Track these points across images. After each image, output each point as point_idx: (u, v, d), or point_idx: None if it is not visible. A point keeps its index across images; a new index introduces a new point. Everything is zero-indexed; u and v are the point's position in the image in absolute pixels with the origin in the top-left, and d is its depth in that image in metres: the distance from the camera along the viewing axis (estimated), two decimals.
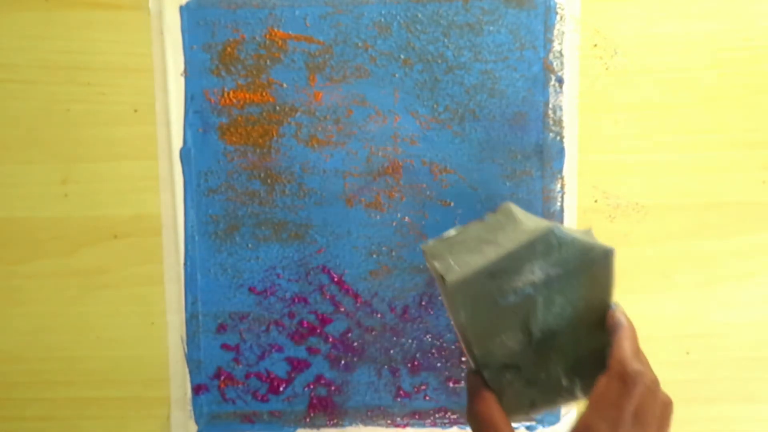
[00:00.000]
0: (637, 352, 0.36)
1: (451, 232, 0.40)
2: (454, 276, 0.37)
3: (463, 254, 0.38)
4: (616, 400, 0.35)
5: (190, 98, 0.46)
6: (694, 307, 0.49)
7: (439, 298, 0.48)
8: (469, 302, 0.37)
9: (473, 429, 0.39)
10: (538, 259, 0.37)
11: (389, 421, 0.49)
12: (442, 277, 0.37)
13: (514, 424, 0.42)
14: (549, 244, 0.37)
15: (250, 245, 0.47)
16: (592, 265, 0.37)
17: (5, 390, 0.48)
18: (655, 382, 0.36)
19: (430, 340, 0.48)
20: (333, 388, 0.49)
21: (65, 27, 0.45)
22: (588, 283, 0.37)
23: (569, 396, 0.39)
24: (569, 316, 0.38)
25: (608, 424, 0.35)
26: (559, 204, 0.47)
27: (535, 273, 0.37)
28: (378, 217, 0.47)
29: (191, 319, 0.48)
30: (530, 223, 0.39)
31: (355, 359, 0.48)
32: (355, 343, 0.48)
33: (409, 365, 0.49)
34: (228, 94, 0.46)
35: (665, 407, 0.37)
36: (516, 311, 0.37)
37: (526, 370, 0.38)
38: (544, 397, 0.39)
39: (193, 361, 0.48)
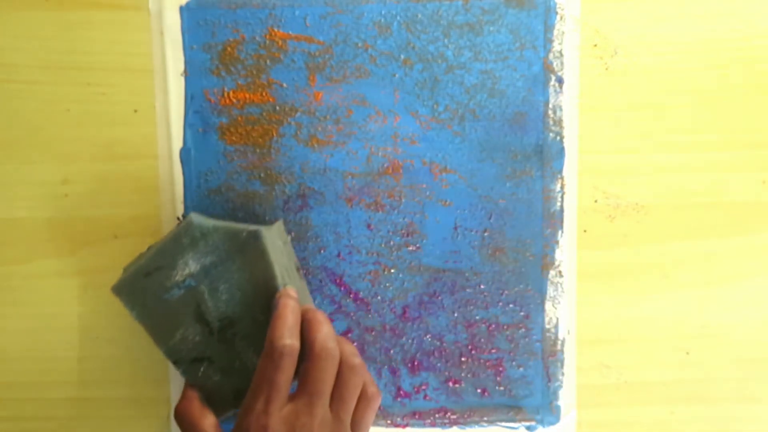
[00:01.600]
0: (293, 327, 0.37)
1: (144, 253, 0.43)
2: (116, 282, 0.40)
3: (132, 265, 0.41)
4: (267, 377, 0.37)
5: (190, 98, 0.46)
6: (694, 307, 0.49)
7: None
8: (137, 302, 0.40)
9: (181, 430, 0.40)
10: (187, 251, 0.39)
11: (389, 421, 0.49)
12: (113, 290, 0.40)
13: None
14: (193, 236, 0.39)
15: None
16: (242, 249, 0.39)
17: (5, 390, 0.48)
18: (327, 356, 0.37)
19: (430, 340, 0.48)
20: None
21: (65, 27, 0.45)
22: (246, 267, 0.39)
23: None
24: (241, 301, 0.40)
25: (262, 402, 0.36)
26: (559, 204, 0.47)
27: (189, 265, 0.39)
28: (378, 217, 0.47)
29: None
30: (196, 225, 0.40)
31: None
32: (355, 343, 0.48)
33: (409, 365, 0.49)
34: (228, 94, 0.46)
35: (350, 372, 0.38)
36: (184, 303, 0.39)
37: (219, 359, 0.40)
38: (246, 386, 0.39)
39: None
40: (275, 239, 0.42)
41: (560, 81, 0.46)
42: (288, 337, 0.37)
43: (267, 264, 0.39)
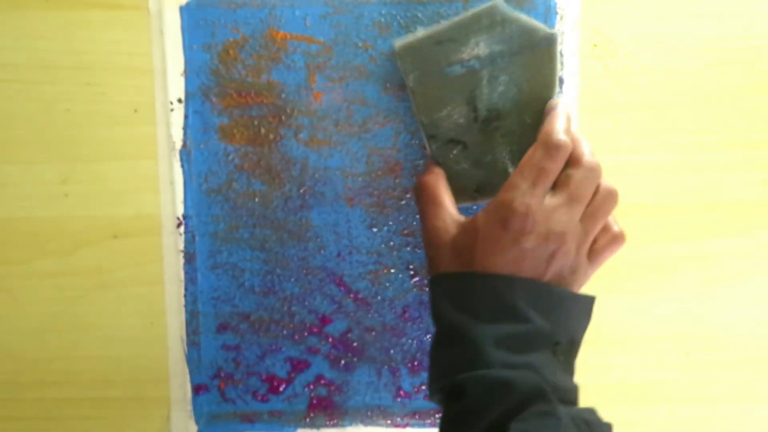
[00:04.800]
0: (568, 130, 0.38)
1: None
2: (402, 40, 0.40)
3: (420, 32, 0.41)
4: (538, 163, 0.37)
5: (190, 98, 0.46)
6: (694, 307, 0.49)
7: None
8: (417, 66, 0.40)
9: (418, 202, 0.41)
10: (482, 32, 0.39)
11: (389, 421, 0.49)
12: (394, 50, 0.40)
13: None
14: (493, 19, 0.39)
15: (250, 245, 0.47)
16: (534, 47, 0.39)
17: (5, 390, 0.48)
18: (593, 168, 0.38)
19: (430, 340, 0.48)
20: (333, 388, 0.49)
21: (65, 27, 0.45)
22: (531, 66, 0.40)
23: None
24: (514, 98, 0.40)
25: (528, 183, 0.37)
26: None
27: (479, 46, 0.39)
28: (378, 217, 0.47)
29: (191, 319, 0.48)
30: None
31: (355, 359, 0.48)
32: (355, 343, 0.48)
33: (409, 365, 0.49)
34: (228, 94, 0.46)
35: (607, 194, 0.39)
36: (462, 83, 0.40)
37: (473, 148, 0.41)
38: (490, 182, 0.40)
39: (193, 361, 0.48)
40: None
41: (560, 81, 0.46)
42: (565, 135, 0.37)
43: (551, 70, 0.40)
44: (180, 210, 0.47)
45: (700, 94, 0.47)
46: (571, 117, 0.39)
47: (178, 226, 0.47)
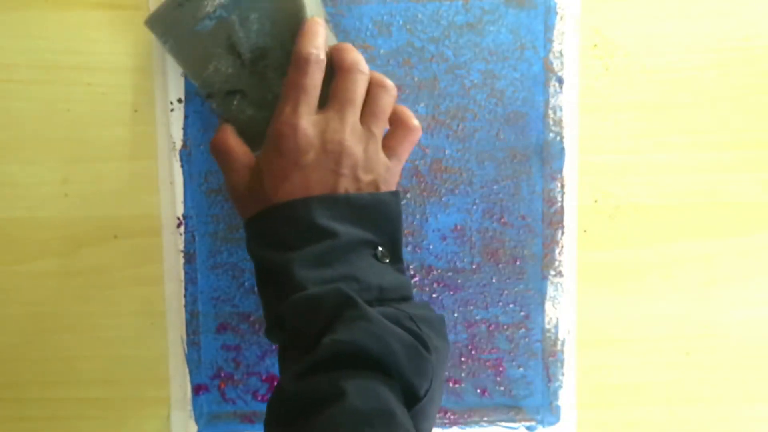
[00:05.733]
0: (317, 43, 0.38)
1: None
2: (148, 15, 0.40)
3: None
4: (294, 82, 0.38)
5: (190, 98, 0.46)
6: (694, 307, 0.49)
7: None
8: (170, 34, 0.40)
9: (218, 163, 0.41)
10: None
11: None
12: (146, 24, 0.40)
13: None
14: None
15: None
16: None
17: (5, 390, 0.48)
18: (353, 69, 0.38)
19: None
20: None
21: (65, 27, 0.45)
22: None
23: None
24: (271, 32, 0.40)
25: (291, 106, 0.38)
26: (559, 204, 0.47)
27: None
28: None
29: (191, 319, 0.48)
30: None
31: None
32: None
33: None
34: None
35: (379, 89, 0.39)
36: (216, 35, 0.40)
37: (252, 92, 0.41)
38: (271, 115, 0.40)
39: (193, 361, 0.48)
40: None
41: (560, 81, 0.46)
42: (314, 48, 0.38)
43: None
44: (180, 210, 0.47)
45: (700, 94, 0.47)
46: (321, 29, 0.39)
47: (178, 226, 0.47)
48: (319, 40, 0.38)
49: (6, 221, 0.47)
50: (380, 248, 0.39)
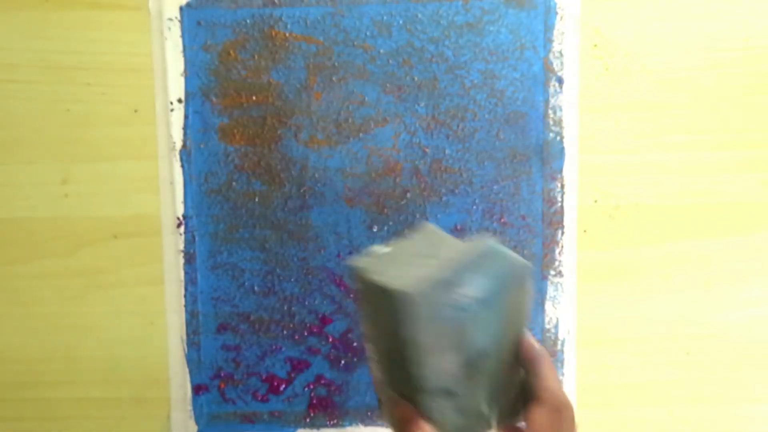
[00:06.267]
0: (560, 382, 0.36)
1: (382, 248, 0.36)
2: (410, 287, 0.32)
3: (404, 268, 0.34)
4: (553, 430, 0.35)
5: (190, 98, 0.46)
6: (694, 307, 0.49)
7: None
8: (422, 315, 0.32)
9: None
10: (479, 272, 0.34)
11: None
12: (385, 291, 0.32)
13: None
14: (490, 258, 0.35)
15: (250, 245, 0.47)
16: (521, 281, 0.35)
17: (5, 390, 0.48)
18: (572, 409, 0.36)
19: None
20: (333, 388, 0.49)
21: (65, 27, 0.45)
22: (514, 301, 0.35)
23: (485, 425, 0.36)
24: (496, 335, 0.35)
25: None
26: (559, 204, 0.47)
27: (475, 286, 0.34)
28: (378, 217, 0.47)
29: (191, 319, 0.48)
30: (456, 240, 0.37)
31: (355, 359, 0.48)
32: (355, 343, 0.48)
33: None
34: (228, 94, 0.46)
35: None
36: (453, 328, 0.33)
37: (462, 396, 0.35)
38: (467, 425, 0.35)
39: (193, 361, 0.48)
40: None
41: (560, 81, 0.46)
42: (564, 393, 0.35)
43: (528, 301, 0.36)
44: (180, 210, 0.47)
45: (700, 94, 0.47)
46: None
47: (178, 226, 0.47)
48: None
49: (6, 221, 0.47)
50: None
